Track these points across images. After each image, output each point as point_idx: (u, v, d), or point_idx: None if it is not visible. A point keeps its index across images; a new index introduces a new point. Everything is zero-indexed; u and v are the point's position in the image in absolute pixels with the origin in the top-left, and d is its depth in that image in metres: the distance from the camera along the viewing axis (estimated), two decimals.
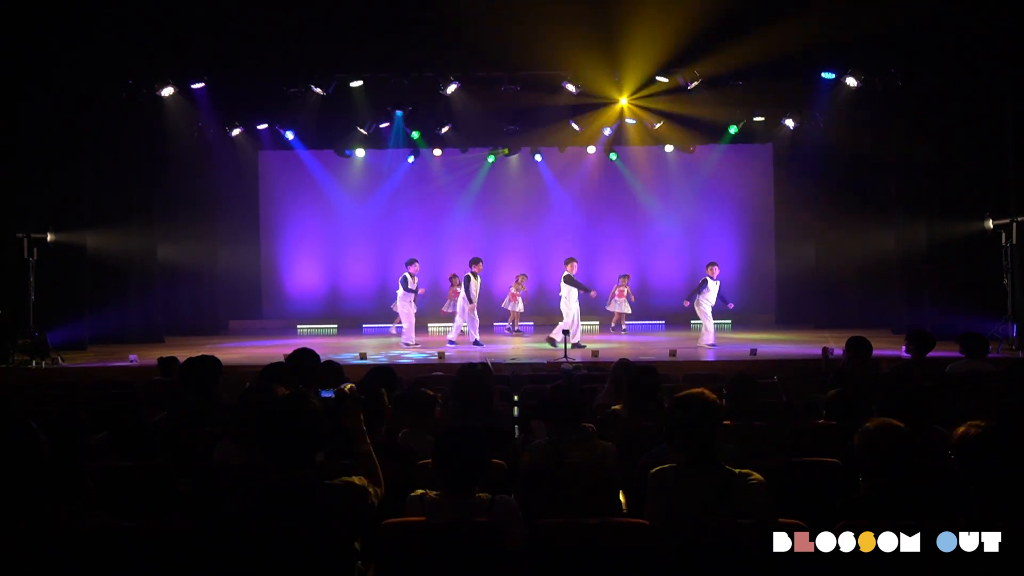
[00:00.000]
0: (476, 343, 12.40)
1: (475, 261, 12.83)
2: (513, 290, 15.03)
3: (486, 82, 12.77)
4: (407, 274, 12.56)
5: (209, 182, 15.28)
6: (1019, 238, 10.90)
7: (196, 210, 14.93)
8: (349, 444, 3.47)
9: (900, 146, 13.17)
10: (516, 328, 15.01)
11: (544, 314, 15.65)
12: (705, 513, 3.06)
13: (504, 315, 15.31)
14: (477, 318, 12.68)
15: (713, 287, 12.03)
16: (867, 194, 14.24)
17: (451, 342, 12.57)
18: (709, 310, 12.00)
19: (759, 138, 15.52)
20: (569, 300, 12.32)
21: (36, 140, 11.73)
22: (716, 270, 12.15)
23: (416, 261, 12.81)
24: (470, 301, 12.48)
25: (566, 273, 12.51)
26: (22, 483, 2.92)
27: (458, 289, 14.49)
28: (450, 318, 14.17)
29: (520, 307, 14.99)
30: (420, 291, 12.84)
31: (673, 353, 10.32)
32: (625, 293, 14.89)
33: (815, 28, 11.30)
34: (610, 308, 15.01)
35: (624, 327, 14.93)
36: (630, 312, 15.00)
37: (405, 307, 12.56)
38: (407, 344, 12.31)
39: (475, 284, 12.61)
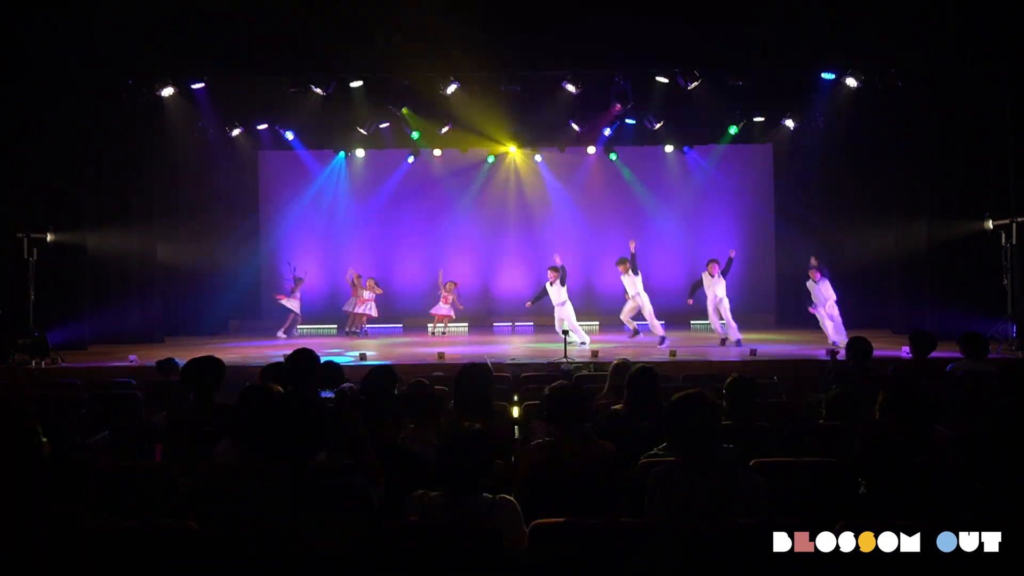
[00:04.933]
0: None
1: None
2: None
3: (486, 82, 12.77)
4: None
5: (209, 182, 15.28)
6: (1019, 238, 10.89)
7: (196, 210, 14.94)
8: (349, 444, 3.47)
9: (900, 146, 13.17)
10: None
11: (544, 314, 15.63)
12: (705, 513, 3.06)
13: (504, 315, 15.32)
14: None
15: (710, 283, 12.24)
16: (867, 194, 14.23)
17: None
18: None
19: (759, 138, 15.52)
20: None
21: (36, 140, 11.72)
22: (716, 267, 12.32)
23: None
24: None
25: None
26: (22, 483, 2.92)
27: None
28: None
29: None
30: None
31: (673, 353, 10.32)
32: (451, 299, 14.84)
33: (815, 28, 11.32)
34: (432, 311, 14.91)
35: (444, 330, 14.81)
36: (454, 317, 14.90)
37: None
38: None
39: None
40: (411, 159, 16.43)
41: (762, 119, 14.40)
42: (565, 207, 16.80)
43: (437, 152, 15.96)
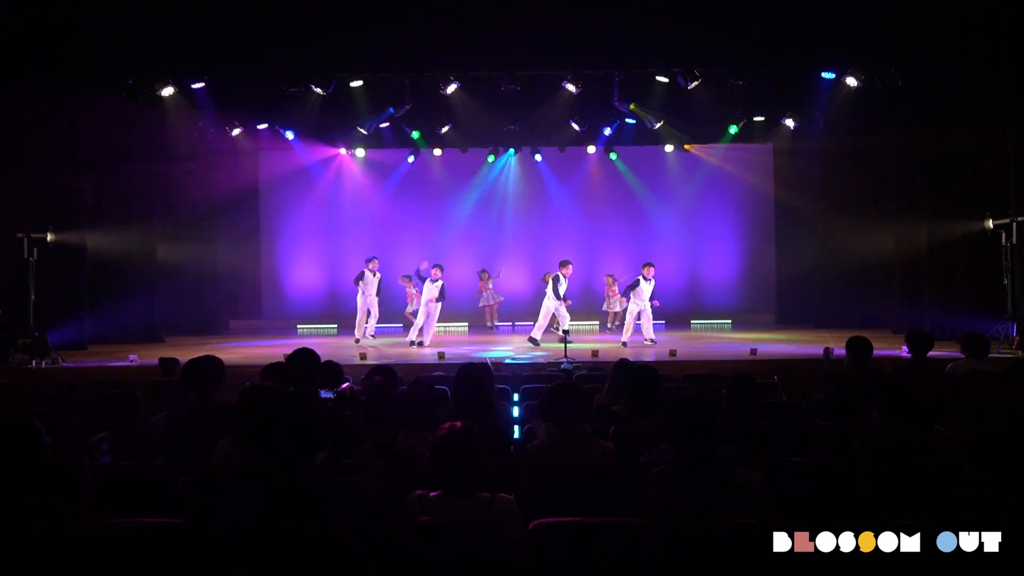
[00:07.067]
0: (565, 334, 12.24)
1: (564, 264, 12.82)
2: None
3: (486, 82, 12.78)
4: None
5: (209, 182, 15.29)
6: (1019, 238, 10.90)
7: (196, 210, 14.94)
8: (349, 444, 3.46)
9: (900, 146, 13.17)
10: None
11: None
12: (705, 513, 3.06)
13: (504, 315, 15.34)
14: (567, 315, 12.61)
15: (647, 287, 12.44)
16: (867, 194, 14.23)
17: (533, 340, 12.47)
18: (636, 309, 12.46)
19: (759, 138, 15.51)
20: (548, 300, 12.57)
21: (36, 140, 11.73)
22: (651, 270, 12.60)
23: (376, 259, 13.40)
24: (559, 299, 12.45)
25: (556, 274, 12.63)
26: (24, 483, 2.92)
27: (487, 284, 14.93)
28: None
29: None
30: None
31: (673, 353, 10.32)
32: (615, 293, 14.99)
33: (815, 28, 11.33)
34: (606, 309, 15.14)
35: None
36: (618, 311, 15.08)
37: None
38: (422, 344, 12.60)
39: (563, 285, 12.58)
40: (411, 159, 16.44)
41: (762, 119, 14.40)
42: (565, 207, 16.81)
43: (437, 152, 15.96)
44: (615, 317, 15.04)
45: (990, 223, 11.30)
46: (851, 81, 12.37)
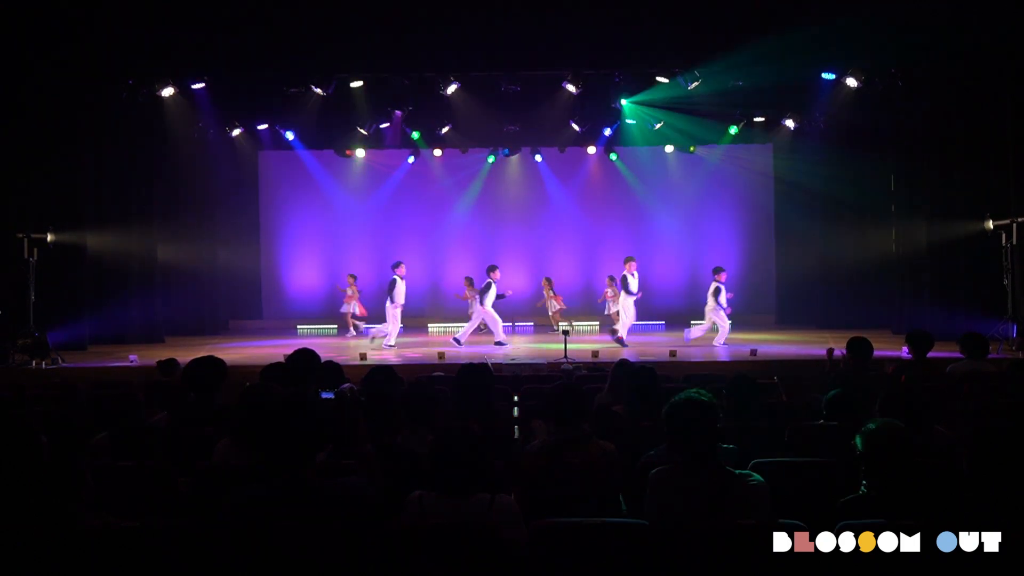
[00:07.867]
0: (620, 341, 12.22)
1: (629, 259, 12.80)
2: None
3: (486, 82, 12.78)
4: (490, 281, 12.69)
5: (209, 182, 15.30)
6: (1019, 238, 10.89)
7: (196, 210, 14.95)
8: (349, 444, 3.47)
9: (900, 146, 13.16)
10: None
11: (544, 314, 15.64)
12: (705, 513, 3.06)
13: (504, 315, 15.31)
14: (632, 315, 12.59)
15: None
16: (867, 194, 14.23)
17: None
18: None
19: (759, 138, 15.51)
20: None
21: (36, 140, 11.72)
22: (724, 276, 12.53)
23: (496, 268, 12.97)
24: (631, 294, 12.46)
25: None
26: (21, 482, 2.93)
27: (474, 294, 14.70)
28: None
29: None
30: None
31: (673, 353, 10.32)
32: (609, 295, 14.97)
33: (815, 28, 11.32)
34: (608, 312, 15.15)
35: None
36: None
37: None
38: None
39: (634, 282, 12.56)
40: (411, 159, 16.43)
41: (762, 119, 14.39)
42: (565, 207, 16.81)
43: (437, 152, 15.95)
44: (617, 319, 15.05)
45: (990, 223, 11.29)
46: (851, 81, 12.36)
